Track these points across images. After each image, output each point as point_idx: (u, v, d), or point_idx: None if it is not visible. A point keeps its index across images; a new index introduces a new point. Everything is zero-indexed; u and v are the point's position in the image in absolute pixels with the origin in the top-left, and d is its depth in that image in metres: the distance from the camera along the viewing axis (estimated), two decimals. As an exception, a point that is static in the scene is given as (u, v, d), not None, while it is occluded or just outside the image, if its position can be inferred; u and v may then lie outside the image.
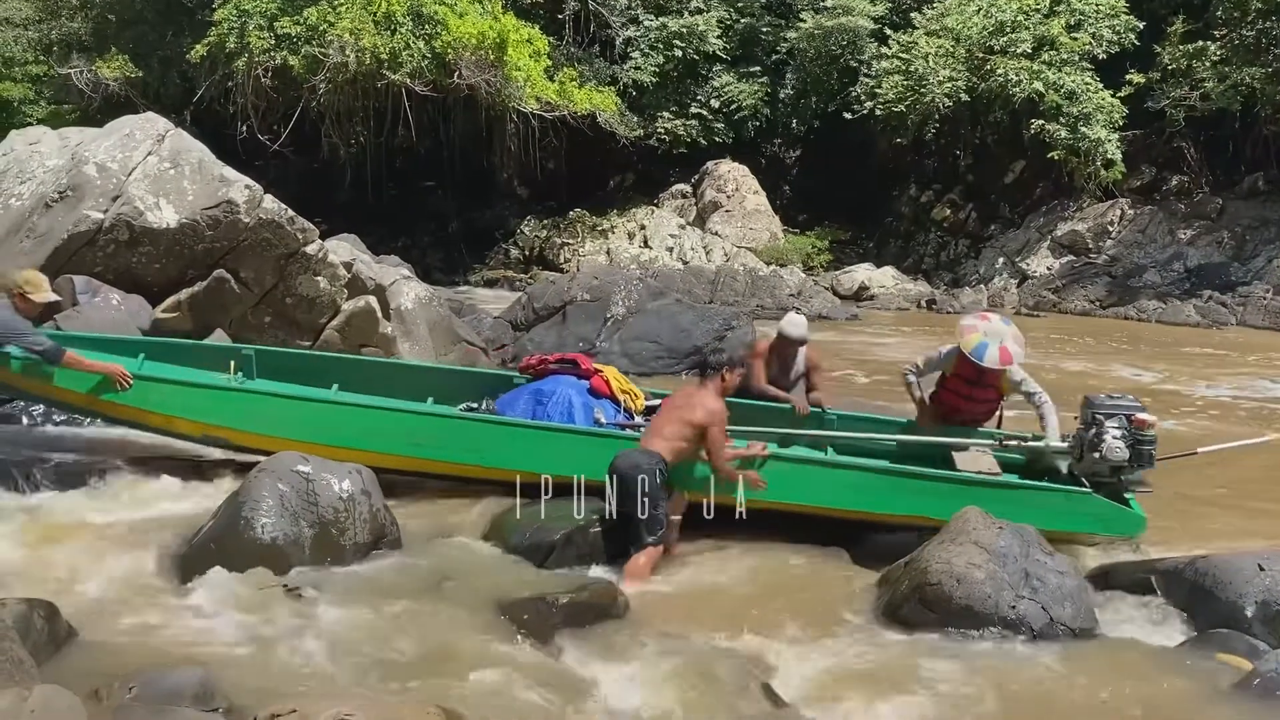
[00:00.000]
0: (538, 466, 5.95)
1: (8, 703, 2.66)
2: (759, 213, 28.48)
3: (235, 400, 6.50)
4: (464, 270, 27.86)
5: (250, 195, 8.79)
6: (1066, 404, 6.85)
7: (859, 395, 11.09)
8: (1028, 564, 5.02)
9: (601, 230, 28.45)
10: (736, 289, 22.63)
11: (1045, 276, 25.53)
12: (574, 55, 28.44)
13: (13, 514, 5.56)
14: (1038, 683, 4.46)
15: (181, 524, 5.41)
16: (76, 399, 6.46)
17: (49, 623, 3.93)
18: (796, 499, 6.07)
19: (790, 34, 29.29)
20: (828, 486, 6.14)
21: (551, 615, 4.67)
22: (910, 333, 19.09)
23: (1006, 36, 26.09)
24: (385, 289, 10.50)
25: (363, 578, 4.96)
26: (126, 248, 8.42)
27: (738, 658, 4.48)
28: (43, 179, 8.81)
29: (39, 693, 2.75)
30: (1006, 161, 27.92)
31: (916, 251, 28.60)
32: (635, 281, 14.39)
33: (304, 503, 5.09)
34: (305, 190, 23.43)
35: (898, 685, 4.38)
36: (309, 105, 24.56)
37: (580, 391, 6.86)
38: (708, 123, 29.22)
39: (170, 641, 4.24)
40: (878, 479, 6.21)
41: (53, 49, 27.82)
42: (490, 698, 3.93)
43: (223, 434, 6.47)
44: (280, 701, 3.36)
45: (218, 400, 6.48)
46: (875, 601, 5.23)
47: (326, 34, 23.32)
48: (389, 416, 6.49)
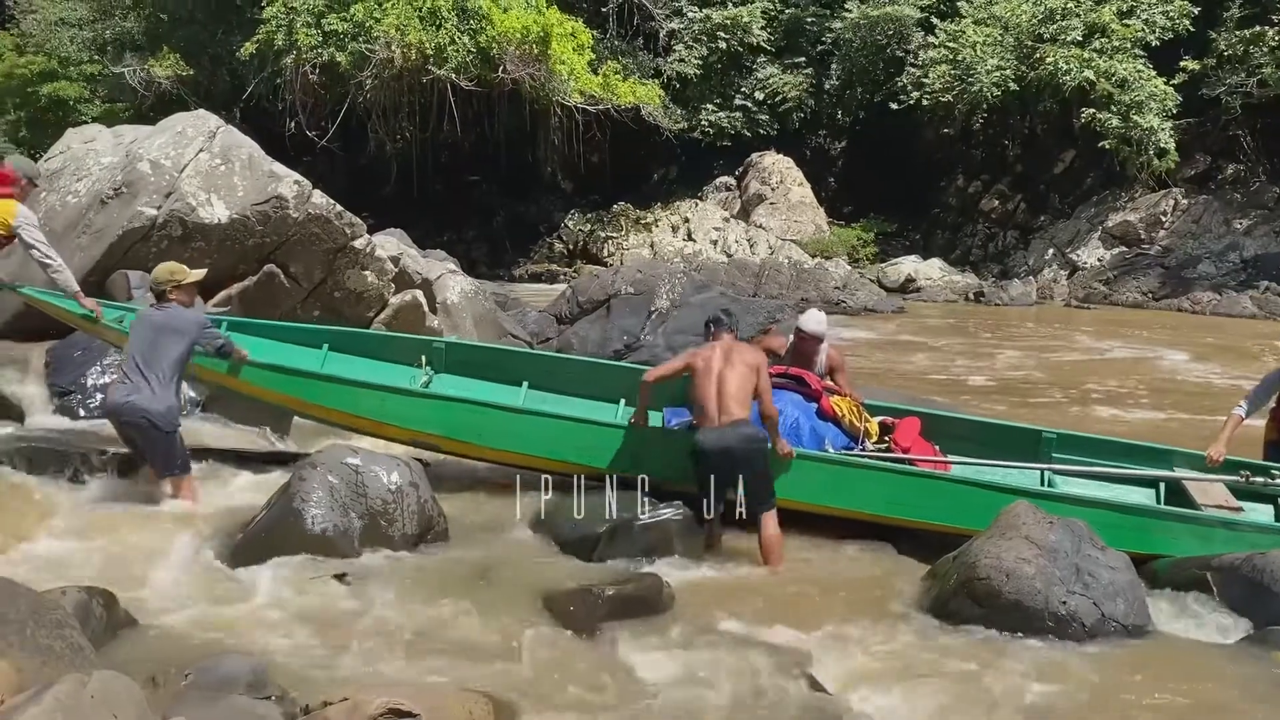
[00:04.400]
0: (795, 494, 5.75)
1: (69, 688, 2.72)
2: (804, 205, 28.33)
3: (449, 411, 6.26)
4: (508, 264, 28.02)
5: (299, 191, 8.90)
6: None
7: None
8: (1079, 559, 4.94)
9: (645, 224, 28.45)
10: (781, 282, 22.53)
11: (1096, 268, 25.15)
12: (618, 48, 28.46)
13: (72, 504, 5.68)
14: (1089, 680, 4.39)
15: (235, 514, 5.50)
16: (290, 402, 6.47)
17: (107, 610, 4.01)
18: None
19: (835, 24, 29.08)
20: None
21: (598, 607, 4.69)
22: (945, 345, 18.23)
23: (1056, 24, 25.70)
24: (432, 283, 10.60)
25: (411, 568, 5.01)
26: (179, 243, 8.55)
27: (783, 651, 4.46)
28: (98, 176, 8.98)
29: (98, 678, 2.80)
30: (1056, 151, 27.54)
31: (964, 243, 28.30)
32: (679, 275, 14.39)
33: (354, 494, 5.15)
34: (352, 185, 23.72)
35: (945, 680, 4.34)
36: (355, 101, 24.81)
37: (809, 414, 6.32)
38: (752, 115, 29.11)
39: (224, 630, 4.31)
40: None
41: (107, 48, 28.35)
42: (537, 688, 3.96)
43: (433, 441, 6.29)
44: (332, 690, 3.41)
45: (433, 410, 6.26)
46: (922, 596, 5.18)
47: (372, 30, 23.54)
48: (608, 433, 6.11)
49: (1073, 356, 16.36)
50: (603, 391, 7.04)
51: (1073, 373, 14.67)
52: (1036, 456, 6.62)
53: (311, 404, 6.38)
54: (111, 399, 5.79)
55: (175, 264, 6.22)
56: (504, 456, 6.11)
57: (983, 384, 13.67)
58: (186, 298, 6.00)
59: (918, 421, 6.56)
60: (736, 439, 5.54)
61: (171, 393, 5.73)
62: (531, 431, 6.10)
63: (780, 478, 5.76)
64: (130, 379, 5.67)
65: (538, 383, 7.07)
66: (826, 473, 5.80)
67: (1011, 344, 17.69)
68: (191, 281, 6.03)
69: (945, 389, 12.62)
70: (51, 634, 3.21)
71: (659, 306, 13.12)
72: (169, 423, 5.68)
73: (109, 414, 5.87)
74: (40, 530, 5.31)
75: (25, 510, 5.46)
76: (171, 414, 5.71)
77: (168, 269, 6.05)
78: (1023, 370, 14.90)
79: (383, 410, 6.23)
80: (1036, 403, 12.25)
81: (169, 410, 5.68)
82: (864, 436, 6.36)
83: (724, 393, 5.62)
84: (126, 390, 5.66)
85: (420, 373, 6.93)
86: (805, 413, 6.32)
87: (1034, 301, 24.23)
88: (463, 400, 6.39)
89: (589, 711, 3.85)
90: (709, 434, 5.59)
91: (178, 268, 6.09)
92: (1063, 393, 13.06)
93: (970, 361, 15.54)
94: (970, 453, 6.57)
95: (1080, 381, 13.79)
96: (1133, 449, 6.83)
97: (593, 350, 12.06)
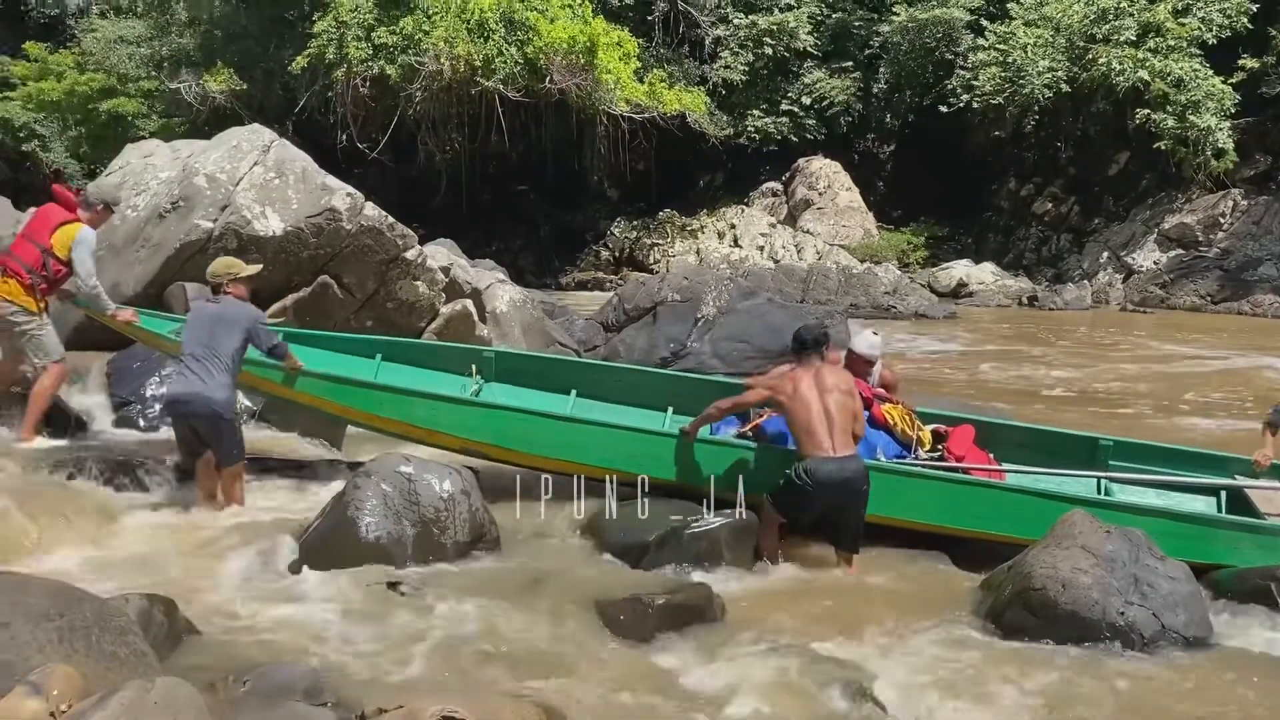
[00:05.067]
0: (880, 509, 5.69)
1: (133, 694, 2.77)
2: (852, 209, 28.16)
3: (499, 419, 6.28)
4: (555, 272, 28.18)
5: (352, 203, 9.02)
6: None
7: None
8: (1137, 569, 4.86)
9: (691, 230, 28.47)
10: (829, 287, 22.41)
11: (1152, 271, 24.71)
12: (663, 56, 28.54)
13: (133, 513, 5.79)
14: (1148, 693, 4.31)
15: (291, 523, 5.58)
16: (345, 411, 6.56)
17: (168, 618, 4.08)
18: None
19: (883, 28, 28.92)
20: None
21: (648, 616, 4.68)
22: (1013, 351, 17.75)
23: (1109, 24, 25.32)
24: (481, 292, 10.68)
25: (463, 576, 5.04)
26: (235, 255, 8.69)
27: (836, 661, 4.43)
28: (156, 190, 9.17)
29: (161, 684, 2.86)
30: (1110, 153, 27.11)
31: (1016, 246, 27.95)
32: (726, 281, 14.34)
33: (406, 502, 5.21)
34: (403, 197, 24.01)
35: (1000, 692, 4.28)
36: (405, 113, 25.13)
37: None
38: (799, 119, 29.02)
39: (281, 637, 4.37)
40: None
41: (163, 65, 28.99)
42: (588, 697, 3.96)
43: (484, 449, 6.30)
44: (386, 697, 3.44)
45: (484, 419, 6.29)
46: (977, 606, 5.12)
47: (422, 43, 23.83)
48: (657, 441, 6.10)
49: (1158, 366, 15.53)
50: (650, 399, 7.04)
51: (1164, 382, 13.94)
52: (1093, 464, 6.51)
53: (366, 413, 6.46)
54: (173, 390, 5.93)
55: (231, 258, 6.38)
56: (553, 465, 6.14)
57: (1062, 394, 13.10)
58: (242, 291, 6.11)
59: (971, 429, 6.48)
60: (854, 474, 5.50)
61: (230, 382, 5.83)
62: (580, 440, 6.12)
63: None
64: (191, 370, 5.78)
65: (585, 391, 7.09)
66: (879, 482, 5.75)
67: (1082, 349, 17.19)
68: (247, 275, 6.15)
69: (1021, 399, 12.09)
70: (116, 640, 3.27)
71: (705, 313, 13.08)
72: (229, 410, 5.81)
73: (170, 405, 6.01)
74: (102, 538, 5.42)
75: (88, 518, 5.58)
76: (231, 403, 5.84)
77: (224, 263, 6.19)
78: (1107, 379, 14.20)
79: (435, 419, 6.29)
80: (1126, 414, 11.66)
81: (228, 399, 5.80)
82: (916, 445, 6.28)
83: (832, 422, 5.54)
84: (187, 381, 5.78)
85: (470, 382, 6.99)
86: None
87: (1089, 305, 23.85)
88: (512, 409, 6.42)
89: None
90: (825, 465, 5.47)
91: (234, 261, 6.23)
92: (1155, 403, 12.41)
93: (1044, 369, 14.97)
94: (1025, 460, 6.47)
95: (1175, 392, 13.06)
96: (1193, 456, 6.69)
97: (639, 357, 12.06)
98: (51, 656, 3.03)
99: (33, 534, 5.25)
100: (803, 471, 5.49)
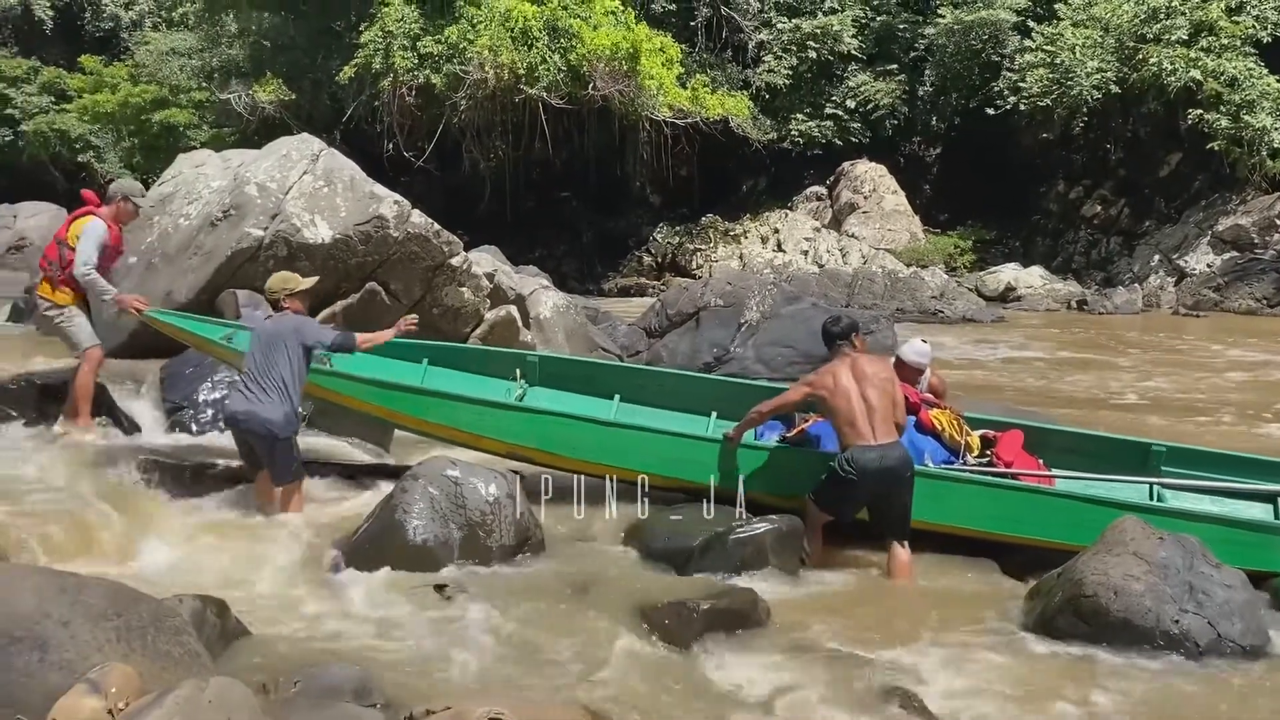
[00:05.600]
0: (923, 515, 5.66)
1: (188, 693, 2.83)
2: (898, 213, 27.94)
3: (544, 424, 6.31)
4: (598, 278, 28.24)
5: (399, 210, 9.12)
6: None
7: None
8: (1192, 576, 4.77)
9: (734, 235, 28.40)
10: (875, 292, 22.24)
11: (1205, 274, 24.24)
12: (706, 61, 28.54)
13: (186, 516, 5.90)
14: (1203, 703, 4.23)
15: (340, 525, 5.65)
16: (393, 416, 6.64)
17: (220, 619, 4.14)
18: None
19: (928, 30, 28.70)
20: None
21: (693, 621, 4.68)
22: (1073, 358, 17.27)
23: (1160, 23, 24.93)
24: (525, 298, 10.75)
25: (508, 579, 5.08)
26: (285, 263, 8.81)
27: (883, 668, 4.40)
28: (208, 199, 9.33)
29: (215, 684, 2.91)
30: (1161, 154, 26.65)
31: (1065, 250, 27.56)
32: (769, 286, 14.30)
33: (453, 506, 5.26)
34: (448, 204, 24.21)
35: (1050, 701, 4.23)
36: (450, 121, 25.35)
37: (907, 426, 6.09)
38: (843, 123, 28.86)
39: (330, 638, 4.43)
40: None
41: (214, 76, 29.52)
42: (632, 700, 3.97)
43: (529, 453, 6.32)
44: (434, 699, 3.48)
45: (529, 424, 6.31)
46: (1026, 613, 5.06)
47: (466, 51, 24.03)
48: (702, 447, 6.07)
49: (1236, 373, 14.82)
50: (694, 404, 7.04)
51: (1246, 390, 13.32)
52: (1145, 470, 6.41)
53: (413, 418, 6.52)
54: (231, 407, 6.00)
55: (288, 273, 6.43)
56: (598, 469, 6.16)
57: (1135, 401, 12.63)
58: (300, 305, 6.17)
59: (1020, 435, 6.40)
60: (897, 461, 5.47)
61: (289, 400, 5.85)
62: (624, 444, 6.13)
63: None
64: (249, 389, 5.86)
65: (629, 396, 7.10)
66: (928, 488, 5.70)
67: (1138, 353, 16.74)
68: (304, 289, 6.20)
69: (1076, 405, 11.77)
70: (170, 640, 3.34)
71: (749, 318, 13.05)
72: (287, 430, 5.83)
73: (228, 421, 6.07)
74: (156, 540, 5.51)
75: (143, 520, 5.68)
76: (289, 422, 5.85)
77: (280, 278, 6.24)
78: (1181, 388, 13.57)
79: (481, 424, 6.33)
80: (1194, 420, 11.13)
81: (286, 418, 5.81)
82: (965, 450, 6.21)
83: (872, 410, 5.51)
84: (245, 399, 5.85)
85: (515, 386, 7.03)
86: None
87: (1139, 309, 23.45)
88: (557, 414, 6.45)
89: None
90: (867, 453, 5.45)
91: (290, 276, 6.28)
92: (1223, 409, 11.87)
93: (1110, 376, 14.52)
94: (1074, 466, 6.38)
95: (1254, 399, 12.48)
96: (1250, 462, 6.56)
97: (682, 363, 12.06)
98: (110, 655, 3.10)
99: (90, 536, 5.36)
100: (846, 462, 5.48)
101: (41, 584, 3.24)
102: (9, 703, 2.95)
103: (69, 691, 2.87)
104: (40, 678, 2.99)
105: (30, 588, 3.20)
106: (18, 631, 3.05)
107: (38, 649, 3.04)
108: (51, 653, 3.05)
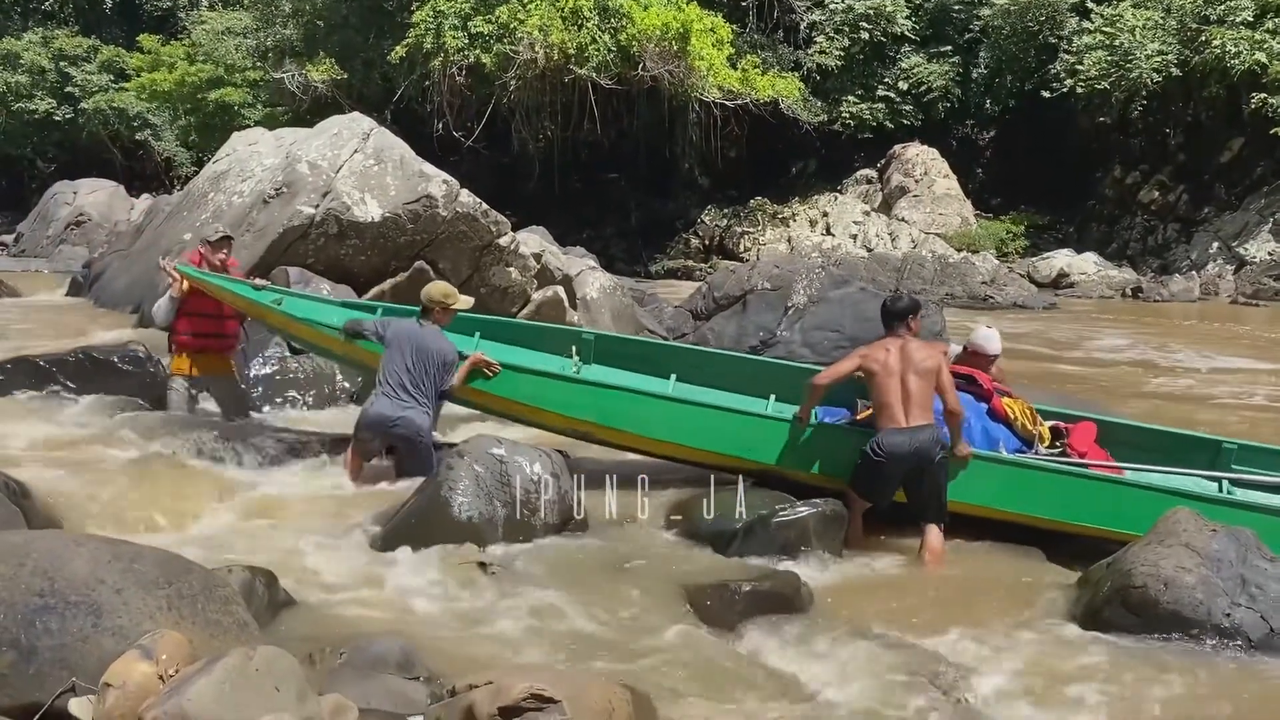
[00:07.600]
0: (967, 497, 5.62)
1: (236, 661, 2.88)
2: (949, 197, 27.56)
3: (608, 398, 6.19)
4: (645, 260, 28.19)
5: (448, 190, 9.18)
6: None
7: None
8: (1245, 570, 4.68)
9: (782, 218, 28.20)
10: (924, 276, 21.99)
11: (1266, 262, 23.66)
12: (757, 42, 28.29)
13: (237, 489, 6.01)
14: (1255, 698, 4.15)
15: (386, 500, 5.72)
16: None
17: (269, 590, 4.22)
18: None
19: (984, 11, 28.21)
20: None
21: (735, 603, 4.68)
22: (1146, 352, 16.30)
23: (1224, 4, 24.29)
24: (572, 279, 10.78)
25: (551, 557, 5.11)
26: (335, 240, 8.94)
27: (925, 655, 4.36)
28: (260, 177, 9.46)
29: (263, 653, 2.96)
30: (1223, 139, 26.01)
31: (1121, 236, 27.05)
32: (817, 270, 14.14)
33: (498, 483, 5.29)
34: (497, 184, 24.28)
35: (1095, 691, 4.17)
36: (500, 101, 25.40)
37: (979, 414, 6.07)
38: (895, 105, 28.49)
39: (374, 611, 4.49)
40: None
41: (268, 55, 29.83)
42: (673, 680, 3.98)
43: (588, 428, 6.24)
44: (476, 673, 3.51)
45: (592, 397, 6.21)
46: (1073, 603, 4.99)
47: (516, 31, 24.03)
48: (770, 426, 5.98)
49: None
50: (748, 386, 6.91)
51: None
52: (1215, 467, 6.28)
53: (470, 388, 6.33)
54: (379, 410, 6.02)
55: (448, 287, 6.50)
56: (658, 447, 6.08)
57: (1195, 392, 12.12)
58: (447, 319, 6.28)
59: (1093, 427, 6.29)
60: (925, 443, 5.43)
61: (432, 408, 6.07)
62: (690, 422, 6.01)
63: (953, 479, 5.62)
64: (399, 393, 5.97)
65: (684, 376, 6.98)
66: (1005, 475, 5.62)
67: (1196, 342, 16.14)
68: (457, 308, 6.32)
69: (1133, 397, 11.30)
70: (220, 609, 3.40)
71: (796, 302, 12.94)
72: (430, 435, 6.09)
73: (374, 424, 6.06)
74: (208, 512, 5.63)
75: (195, 493, 5.81)
76: (432, 428, 6.12)
77: (442, 290, 6.34)
78: (1247, 379, 13.05)
79: (541, 396, 6.20)
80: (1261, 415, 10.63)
81: (429, 424, 6.08)
82: (1037, 441, 6.13)
83: (909, 395, 5.49)
84: (397, 405, 5.97)
85: (571, 362, 6.95)
86: (976, 413, 6.05)
87: (1197, 298, 22.96)
88: (622, 388, 6.33)
89: (724, 708, 3.85)
90: (896, 435, 5.44)
91: (450, 291, 6.37)
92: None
93: (1166, 366, 14.05)
94: (1145, 461, 6.25)
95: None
96: None
97: (728, 345, 11.99)
98: (161, 622, 3.16)
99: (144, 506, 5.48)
100: (875, 445, 5.48)
101: (96, 552, 3.31)
102: (64, 666, 3.02)
103: (121, 656, 2.93)
104: (94, 642, 3.07)
105: (85, 555, 3.27)
106: (73, 597, 3.13)
107: (92, 614, 3.11)
108: (105, 619, 3.12)
